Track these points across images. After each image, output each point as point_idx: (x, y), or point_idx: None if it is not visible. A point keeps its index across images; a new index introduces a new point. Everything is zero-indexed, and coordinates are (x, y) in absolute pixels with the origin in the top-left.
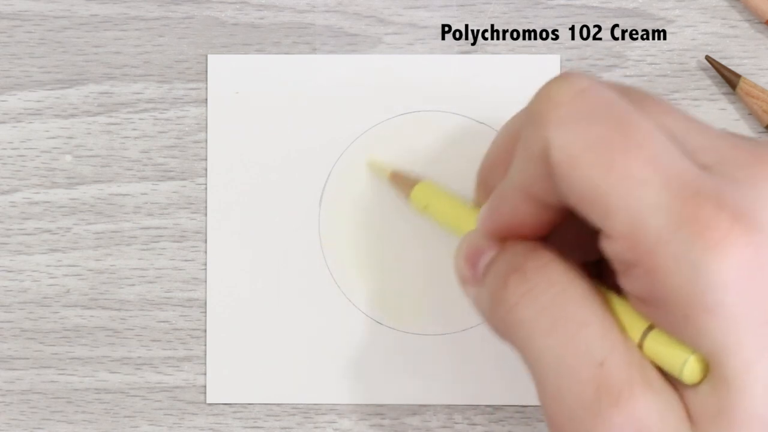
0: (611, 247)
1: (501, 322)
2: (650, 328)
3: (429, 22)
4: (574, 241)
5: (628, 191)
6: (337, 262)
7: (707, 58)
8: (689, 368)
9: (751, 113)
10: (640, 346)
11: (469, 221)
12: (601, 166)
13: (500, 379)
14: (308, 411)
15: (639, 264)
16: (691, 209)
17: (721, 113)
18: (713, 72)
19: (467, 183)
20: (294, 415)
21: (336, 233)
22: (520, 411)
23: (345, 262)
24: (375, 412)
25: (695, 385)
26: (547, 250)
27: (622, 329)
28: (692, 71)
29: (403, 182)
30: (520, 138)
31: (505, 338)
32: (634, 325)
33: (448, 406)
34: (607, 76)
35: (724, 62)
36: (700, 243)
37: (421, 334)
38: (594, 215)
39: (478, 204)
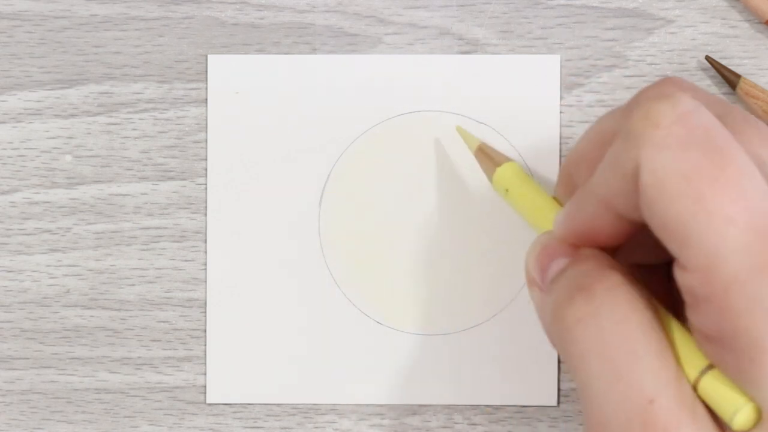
0: (685, 278)
1: (558, 336)
2: (709, 367)
3: (429, 22)
4: (652, 246)
5: (712, 227)
6: (337, 262)
7: (707, 58)
8: (741, 416)
9: (751, 113)
10: (696, 383)
11: (547, 216)
12: (689, 196)
13: (500, 379)
14: (308, 411)
15: (711, 301)
16: None
17: None
18: (713, 72)
19: (467, 183)
20: (294, 415)
21: (336, 233)
22: (520, 411)
23: (345, 262)
24: (375, 412)
25: None
26: (617, 272)
27: (679, 365)
28: (692, 71)
29: (489, 158)
30: (611, 147)
31: (558, 350)
32: (693, 361)
33: (448, 406)
34: (607, 76)
35: (724, 62)
36: None
37: (421, 334)
38: (673, 243)
39: (559, 195)
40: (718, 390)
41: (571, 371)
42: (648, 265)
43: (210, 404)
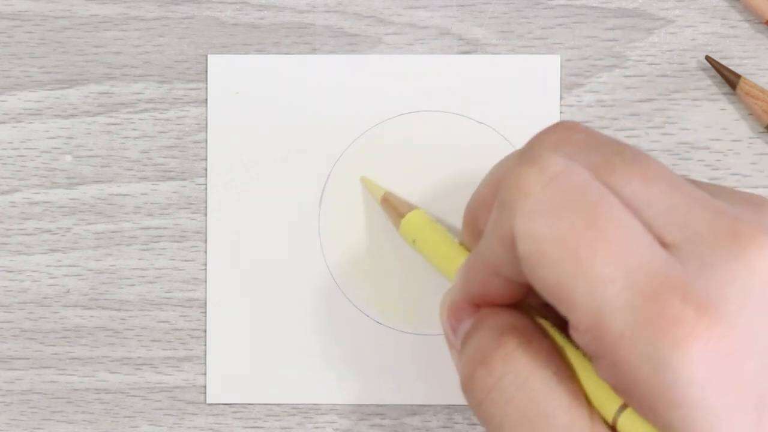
0: (578, 337)
1: (474, 410)
2: (624, 406)
3: (429, 22)
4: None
5: (592, 289)
6: (337, 262)
7: (707, 58)
8: None
9: (751, 113)
10: (614, 423)
11: (455, 264)
12: (566, 261)
13: None
14: (308, 411)
15: (604, 357)
16: (655, 306)
17: (721, 113)
18: (713, 72)
19: (467, 183)
20: (294, 415)
21: (336, 233)
22: None
23: (345, 262)
24: (375, 412)
25: None
26: (513, 335)
27: (593, 410)
28: (692, 71)
29: (393, 209)
30: (491, 215)
31: (479, 421)
32: (608, 402)
33: (448, 406)
34: (607, 76)
35: (724, 62)
36: (664, 341)
37: (421, 334)
38: (560, 306)
39: (465, 240)
40: (637, 427)
41: None
42: None
43: (210, 404)
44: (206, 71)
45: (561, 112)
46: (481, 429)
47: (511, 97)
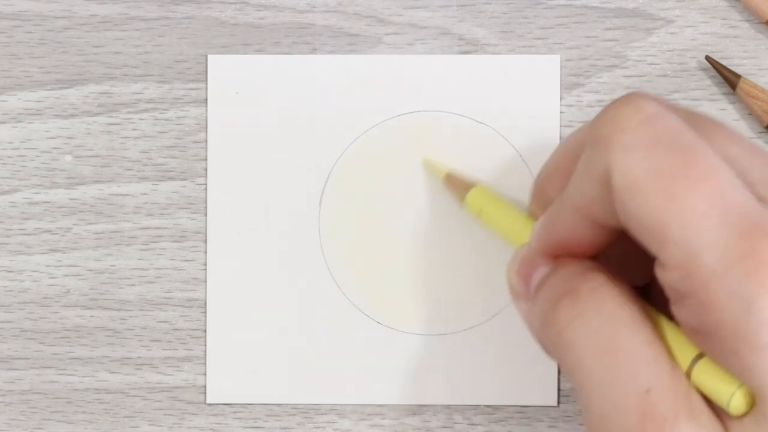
0: (666, 276)
1: (550, 342)
2: (700, 356)
3: (429, 22)
4: (629, 260)
5: (687, 224)
6: (337, 262)
7: (707, 58)
8: (736, 401)
9: (751, 113)
10: (689, 373)
11: (524, 231)
12: (662, 195)
13: (500, 379)
14: (308, 411)
15: (692, 296)
16: (748, 245)
17: (721, 113)
18: (713, 72)
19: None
20: (294, 415)
21: (336, 233)
22: (520, 411)
23: (345, 262)
24: (375, 412)
25: (740, 417)
26: (600, 272)
27: (671, 356)
28: (692, 71)
29: (457, 185)
30: (582, 156)
31: (552, 356)
32: (684, 352)
33: (448, 406)
34: (607, 76)
35: (724, 62)
36: (754, 280)
37: (421, 334)
38: (651, 243)
39: (532, 213)
40: (711, 378)
41: (568, 374)
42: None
43: (210, 404)
44: (206, 71)
45: (561, 112)
46: (481, 428)
47: (511, 97)
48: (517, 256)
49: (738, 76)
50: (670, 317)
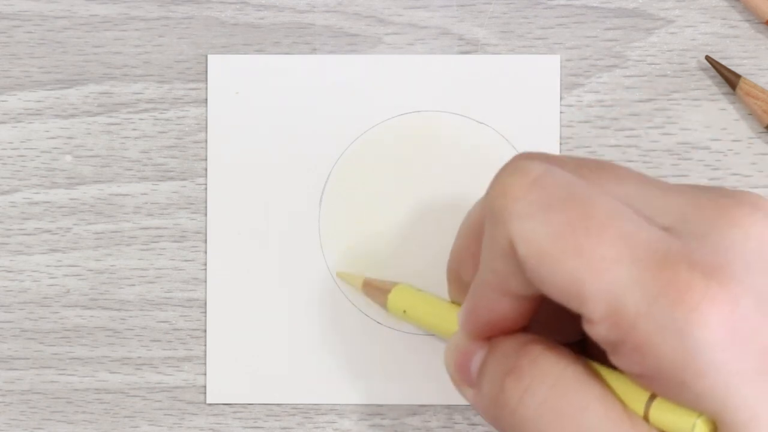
0: (594, 330)
1: (506, 423)
2: (653, 397)
3: (429, 22)
4: (560, 319)
5: (600, 275)
6: (337, 262)
7: (707, 58)
8: (699, 429)
9: (751, 113)
10: (646, 416)
11: (450, 320)
12: (569, 254)
13: None
14: (308, 411)
15: (625, 342)
16: (664, 276)
17: (721, 113)
18: (713, 72)
19: (466, 183)
20: (294, 415)
21: (336, 233)
22: None
23: (345, 262)
24: (375, 412)
25: None
26: (535, 343)
27: (624, 405)
28: (692, 71)
29: (376, 290)
30: (485, 234)
31: None
32: (636, 396)
33: (448, 406)
34: (607, 76)
35: (724, 62)
36: (680, 309)
37: (421, 334)
38: (572, 303)
39: (453, 298)
40: (669, 415)
41: None
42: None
43: (210, 404)
44: (206, 71)
45: (561, 112)
46: (481, 428)
47: (511, 97)
48: (452, 346)
49: (738, 76)
50: (613, 366)
